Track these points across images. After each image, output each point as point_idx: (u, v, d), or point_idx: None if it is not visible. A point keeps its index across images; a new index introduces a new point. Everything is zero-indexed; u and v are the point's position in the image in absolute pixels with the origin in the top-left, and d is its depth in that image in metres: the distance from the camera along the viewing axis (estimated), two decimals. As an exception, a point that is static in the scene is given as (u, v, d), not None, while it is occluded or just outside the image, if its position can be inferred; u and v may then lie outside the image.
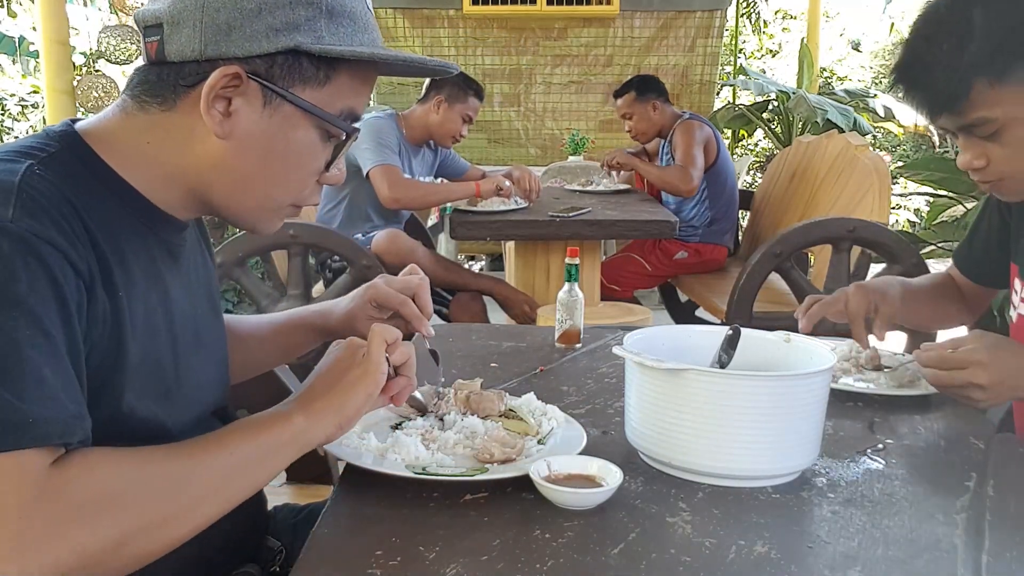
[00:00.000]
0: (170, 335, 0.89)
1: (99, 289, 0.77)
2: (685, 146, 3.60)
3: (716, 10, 5.99)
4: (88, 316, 0.76)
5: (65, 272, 0.73)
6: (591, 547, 0.81)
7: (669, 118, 3.79)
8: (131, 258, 0.84)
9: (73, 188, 0.79)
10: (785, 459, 0.97)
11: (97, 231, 0.79)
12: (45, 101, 3.71)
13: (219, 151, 0.85)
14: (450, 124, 3.25)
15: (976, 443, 1.12)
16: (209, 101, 0.82)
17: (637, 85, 3.83)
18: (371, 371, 0.89)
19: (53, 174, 0.78)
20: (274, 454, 0.84)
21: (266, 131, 0.85)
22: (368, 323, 1.11)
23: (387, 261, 2.92)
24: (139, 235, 0.86)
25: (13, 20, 7.01)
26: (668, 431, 0.96)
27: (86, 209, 0.79)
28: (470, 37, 5.99)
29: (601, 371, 1.38)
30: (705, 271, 3.76)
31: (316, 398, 0.88)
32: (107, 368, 0.79)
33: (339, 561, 0.78)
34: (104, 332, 0.78)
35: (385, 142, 3.08)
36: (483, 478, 0.92)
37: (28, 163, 0.78)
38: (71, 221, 0.76)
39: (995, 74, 1.13)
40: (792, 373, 1.02)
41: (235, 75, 0.82)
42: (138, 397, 0.83)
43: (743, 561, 0.79)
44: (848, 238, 2.69)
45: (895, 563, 0.80)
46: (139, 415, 0.83)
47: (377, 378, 0.89)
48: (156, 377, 0.86)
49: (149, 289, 0.86)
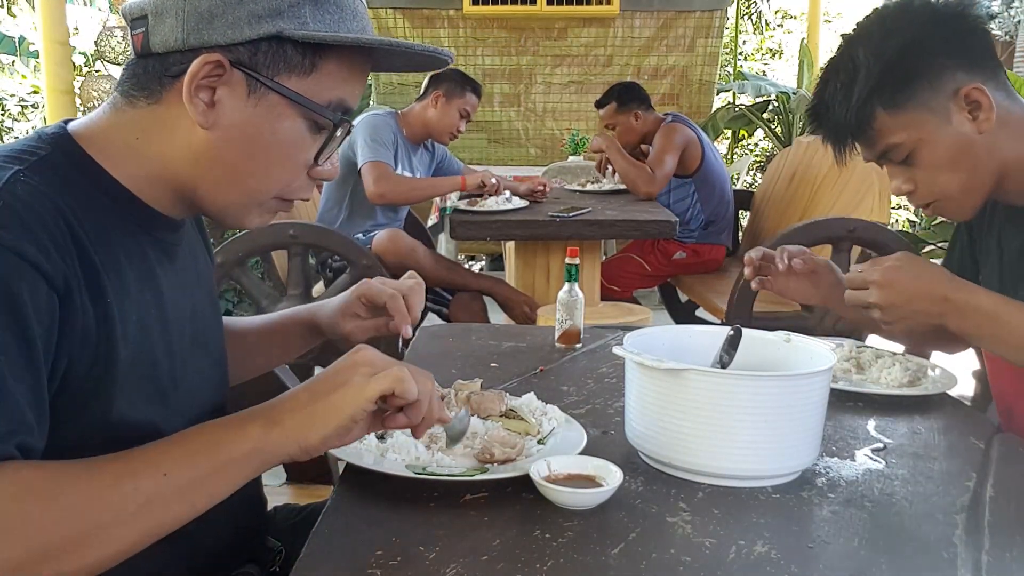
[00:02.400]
0: (165, 337, 0.88)
1: (80, 298, 0.76)
2: (658, 149, 3.63)
3: (716, 10, 5.99)
4: (62, 331, 0.74)
5: (33, 283, 0.71)
6: (591, 547, 0.81)
7: (652, 124, 3.82)
8: (123, 261, 0.83)
9: (62, 192, 0.78)
10: (785, 459, 0.97)
11: (87, 236, 0.78)
12: (45, 101, 3.71)
13: (204, 142, 0.84)
14: (448, 119, 3.25)
15: (976, 443, 1.12)
16: (192, 90, 0.81)
17: (618, 95, 3.86)
18: (357, 402, 0.79)
19: (41, 179, 0.77)
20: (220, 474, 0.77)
21: (251, 121, 0.84)
22: (354, 322, 1.12)
23: (387, 261, 2.92)
24: (132, 236, 0.85)
25: (13, 20, 7.01)
26: (668, 431, 0.96)
27: (76, 214, 0.77)
28: (470, 37, 5.99)
29: (601, 371, 1.38)
30: (704, 271, 3.77)
31: (288, 410, 0.79)
32: (96, 376, 0.78)
33: (339, 561, 0.78)
34: (88, 341, 0.77)
35: (379, 138, 3.09)
36: (483, 478, 0.92)
37: (14, 169, 0.76)
38: (54, 229, 0.74)
39: (886, 103, 1.22)
40: (792, 373, 1.02)
41: (217, 63, 0.80)
42: (130, 402, 0.82)
43: (743, 561, 0.79)
44: (848, 238, 2.69)
45: (895, 563, 0.80)
46: (132, 420, 0.82)
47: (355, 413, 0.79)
48: (150, 380, 0.85)
49: (143, 291, 0.85)
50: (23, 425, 0.71)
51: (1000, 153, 1.24)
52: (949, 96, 1.22)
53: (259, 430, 0.78)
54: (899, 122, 1.23)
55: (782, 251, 1.41)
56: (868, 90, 1.22)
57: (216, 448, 0.77)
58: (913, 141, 1.24)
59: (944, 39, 1.22)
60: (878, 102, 1.22)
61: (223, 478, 0.77)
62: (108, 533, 0.71)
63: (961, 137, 1.23)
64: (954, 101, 1.22)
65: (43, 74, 3.63)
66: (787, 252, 1.41)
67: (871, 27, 1.25)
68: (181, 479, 0.75)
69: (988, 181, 1.26)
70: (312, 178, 0.90)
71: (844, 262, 2.73)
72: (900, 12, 1.24)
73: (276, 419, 0.79)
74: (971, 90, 1.21)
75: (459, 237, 3.03)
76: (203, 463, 0.76)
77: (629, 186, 3.63)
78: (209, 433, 0.79)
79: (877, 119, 1.23)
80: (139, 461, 0.75)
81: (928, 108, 1.22)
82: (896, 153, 1.26)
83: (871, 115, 1.23)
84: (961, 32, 1.23)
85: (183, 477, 0.75)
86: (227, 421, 0.80)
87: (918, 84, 1.21)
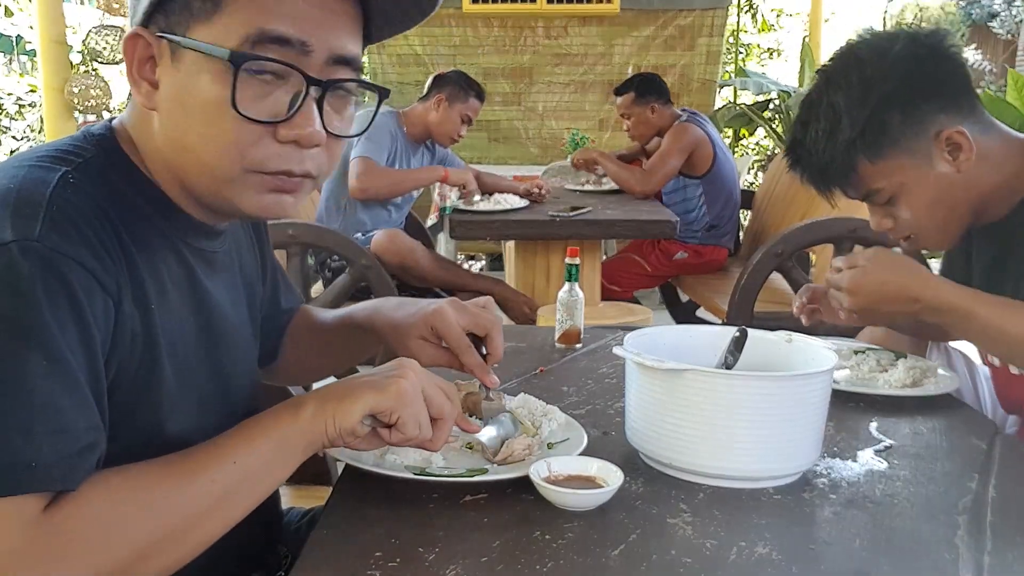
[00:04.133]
0: (205, 344, 0.88)
1: (129, 305, 0.76)
2: (663, 150, 3.62)
3: (716, 9, 5.99)
4: (115, 336, 0.74)
5: (91, 292, 0.71)
6: (591, 548, 0.81)
7: (668, 119, 3.79)
8: (163, 268, 0.82)
9: (108, 197, 0.77)
10: (786, 460, 0.96)
11: (131, 243, 0.77)
12: (43, 100, 3.71)
13: (160, 126, 0.80)
14: (449, 124, 3.25)
15: (978, 444, 1.12)
16: (133, 75, 0.79)
17: (637, 86, 3.82)
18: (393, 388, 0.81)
19: (89, 182, 0.76)
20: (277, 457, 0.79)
21: (178, 88, 0.78)
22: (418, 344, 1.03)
23: (386, 261, 2.92)
24: (171, 243, 0.84)
25: (10, 19, 7.00)
26: (669, 432, 0.96)
27: (121, 219, 0.77)
28: (470, 36, 5.99)
29: (601, 371, 1.38)
30: (706, 271, 3.76)
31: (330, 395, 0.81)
32: (141, 384, 0.78)
33: (339, 562, 0.78)
34: (135, 348, 0.77)
35: (373, 136, 3.08)
36: (483, 479, 0.92)
37: (63, 171, 0.75)
38: (104, 234, 0.74)
39: (870, 154, 1.24)
40: (793, 373, 1.02)
41: (135, 37, 0.78)
42: (172, 408, 0.82)
43: (744, 562, 0.79)
44: (850, 238, 2.69)
45: (897, 564, 0.80)
46: (174, 426, 0.82)
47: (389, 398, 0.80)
48: (192, 389, 0.85)
49: (183, 298, 0.85)
50: (101, 434, 0.72)
51: (978, 187, 1.25)
52: (930, 139, 1.23)
53: (309, 411, 0.80)
54: (881, 170, 1.25)
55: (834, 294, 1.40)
56: (850, 141, 1.23)
57: (273, 433, 0.79)
58: (895, 186, 1.26)
59: (924, 84, 1.23)
60: (861, 152, 1.24)
61: (283, 460, 0.79)
62: (197, 525, 0.74)
63: (942, 178, 1.24)
64: (935, 144, 1.23)
65: (40, 73, 3.63)
66: None
67: (850, 74, 1.25)
68: (248, 466, 0.77)
69: (967, 215, 1.29)
70: (282, 143, 0.79)
71: (845, 262, 2.73)
72: (879, 59, 1.23)
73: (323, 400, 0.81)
74: (952, 133, 1.22)
75: (459, 237, 3.03)
76: (264, 447, 0.78)
77: (624, 188, 3.64)
78: (263, 421, 0.80)
79: (859, 167, 1.25)
80: (207, 455, 0.77)
81: (909, 152, 1.24)
82: (879, 197, 1.28)
83: (854, 164, 1.25)
84: (941, 74, 1.24)
85: (249, 464, 0.77)
86: (277, 409, 0.81)
87: (900, 132, 1.23)
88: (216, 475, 0.75)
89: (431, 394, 0.84)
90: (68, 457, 0.68)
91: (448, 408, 0.85)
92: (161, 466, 0.75)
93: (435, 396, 0.84)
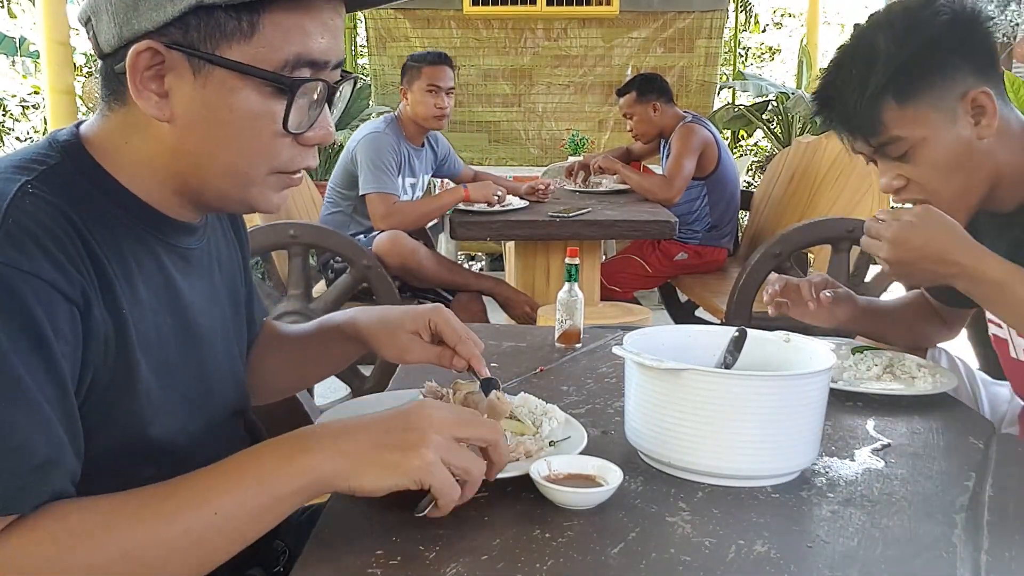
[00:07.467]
0: (185, 342, 0.88)
1: (100, 310, 0.75)
2: (676, 154, 3.59)
3: (715, 10, 6.00)
4: (87, 343, 0.74)
5: (52, 304, 0.70)
6: (591, 547, 0.81)
7: (671, 119, 3.78)
8: (136, 269, 0.82)
9: (72, 203, 0.76)
10: (785, 459, 0.97)
11: (99, 247, 0.77)
12: (46, 102, 3.71)
13: (172, 136, 0.81)
14: (421, 105, 3.21)
15: (976, 443, 1.12)
16: (136, 85, 0.78)
17: (639, 85, 3.82)
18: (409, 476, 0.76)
19: (51, 189, 0.76)
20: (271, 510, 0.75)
21: (205, 103, 0.79)
22: (409, 338, 1.04)
23: (388, 262, 2.92)
24: (144, 243, 0.84)
25: (13, 20, 7.01)
26: (668, 431, 0.97)
27: (87, 224, 0.76)
28: (470, 37, 6.00)
29: (601, 371, 1.38)
30: (705, 272, 3.76)
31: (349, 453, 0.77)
32: (119, 386, 0.78)
33: (339, 561, 0.78)
34: (109, 352, 0.77)
35: (382, 163, 3.08)
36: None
37: (22, 181, 0.75)
38: (67, 242, 0.73)
39: (900, 96, 1.23)
40: (792, 373, 1.02)
41: (149, 50, 0.77)
42: (153, 409, 0.81)
43: (743, 561, 0.80)
44: (847, 238, 2.69)
45: (894, 563, 0.81)
46: (156, 427, 0.82)
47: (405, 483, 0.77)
48: (171, 387, 0.85)
49: (159, 298, 0.85)
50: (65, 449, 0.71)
51: (995, 161, 1.26)
52: (957, 98, 1.23)
53: (314, 463, 0.75)
54: (907, 116, 1.24)
55: (809, 285, 1.41)
56: (886, 78, 1.23)
57: (267, 484, 0.74)
58: (916, 137, 1.25)
59: (962, 40, 1.24)
60: (892, 92, 1.23)
61: (274, 513, 0.76)
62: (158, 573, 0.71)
63: (962, 140, 1.24)
64: (961, 103, 1.23)
65: (44, 74, 3.63)
66: (814, 286, 1.41)
67: (894, 17, 1.26)
68: (232, 517, 0.73)
69: (981, 189, 1.28)
70: (303, 145, 0.85)
71: (844, 262, 2.73)
72: (925, 6, 1.25)
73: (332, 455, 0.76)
74: (979, 94, 1.22)
75: (459, 237, 3.03)
76: (253, 500, 0.74)
77: (649, 198, 3.57)
78: (258, 466, 0.75)
79: (887, 110, 1.24)
80: (188, 498, 0.73)
81: (936, 107, 1.24)
82: (896, 147, 1.27)
83: (882, 105, 1.24)
84: (976, 37, 1.25)
85: (234, 515, 0.73)
86: (277, 451, 0.77)
87: (933, 80, 1.23)
88: (192, 524, 0.72)
89: (453, 460, 0.79)
90: (20, 475, 0.67)
91: (475, 469, 0.81)
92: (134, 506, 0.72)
93: (458, 461, 0.79)
